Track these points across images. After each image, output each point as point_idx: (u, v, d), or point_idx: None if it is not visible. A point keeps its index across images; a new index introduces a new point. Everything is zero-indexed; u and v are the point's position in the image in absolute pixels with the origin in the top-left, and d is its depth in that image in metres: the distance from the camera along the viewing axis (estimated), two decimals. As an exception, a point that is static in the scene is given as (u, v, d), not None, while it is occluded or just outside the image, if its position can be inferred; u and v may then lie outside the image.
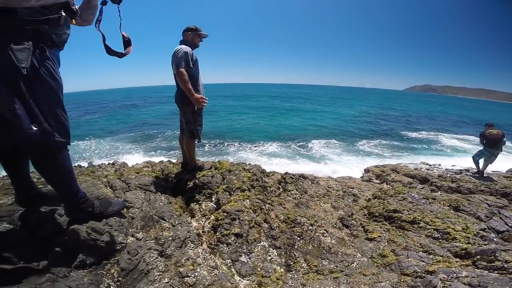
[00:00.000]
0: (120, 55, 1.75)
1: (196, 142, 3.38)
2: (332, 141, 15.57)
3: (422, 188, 5.34)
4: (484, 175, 6.84)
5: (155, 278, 1.74)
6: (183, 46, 2.91)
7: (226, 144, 14.38)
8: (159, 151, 12.52)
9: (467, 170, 7.64)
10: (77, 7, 1.59)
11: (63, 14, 1.39)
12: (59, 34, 1.46)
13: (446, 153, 14.24)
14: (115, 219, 2.09)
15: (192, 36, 3.06)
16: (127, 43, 1.79)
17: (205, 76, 3.25)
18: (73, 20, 1.58)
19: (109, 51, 1.71)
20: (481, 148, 6.94)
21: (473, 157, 7.13)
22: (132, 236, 2.08)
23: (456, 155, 13.50)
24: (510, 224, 3.21)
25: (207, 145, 13.75)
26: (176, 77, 2.87)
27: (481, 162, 7.00)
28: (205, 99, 3.04)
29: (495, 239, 2.97)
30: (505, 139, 6.60)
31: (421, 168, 7.63)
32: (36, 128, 1.33)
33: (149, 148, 13.11)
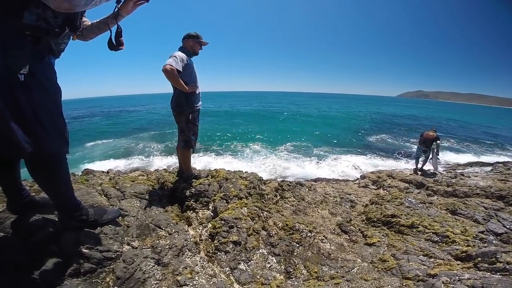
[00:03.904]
0: (117, 49, 1.70)
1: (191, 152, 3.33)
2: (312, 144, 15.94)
3: (418, 192, 5.35)
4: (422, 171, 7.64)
5: (152, 286, 1.68)
6: (178, 52, 2.84)
7: (220, 150, 14.37)
8: (154, 159, 12.40)
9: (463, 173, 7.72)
10: (83, 22, 1.57)
11: (67, 30, 1.36)
12: (58, 43, 1.44)
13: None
14: (110, 227, 2.04)
15: (192, 43, 2.96)
16: (119, 34, 1.68)
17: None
18: (75, 36, 1.56)
19: (116, 45, 1.67)
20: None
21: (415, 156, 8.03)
22: (128, 244, 2.03)
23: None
24: (508, 226, 3.21)
25: (202, 151, 13.69)
26: (166, 76, 2.69)
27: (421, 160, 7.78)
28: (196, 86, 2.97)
29: (494, 242, 2.96)
30: (438, 141, 7.22)
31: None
32: (29, 141, 1.28)
33: (144, 156, 12.98)
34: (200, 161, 11.68)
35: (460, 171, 8.36)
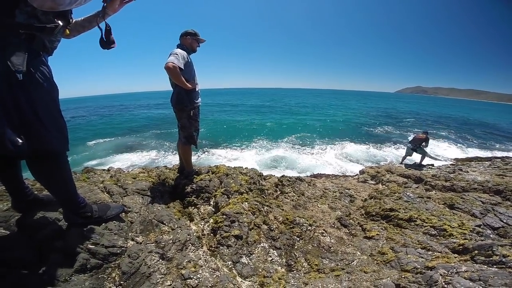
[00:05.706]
0: (109, 47, 1.72)
1: (192, 148, 3.36)
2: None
3: (417, 187, 5.41)
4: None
5: (158, 281, 1.72)
6: (178, 49, 2.84)
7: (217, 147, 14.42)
8: (154, 157, 12.42)
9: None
10: (73, 19, 1.58)
11: (61, 24, 1.37)
12: (52, 41, 1.44)
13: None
14: (114, 223, 2.07)
15: (190, 41, 2.99)
16: (108, 32, 1.70)
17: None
18: (67, 30, 1.54)
19: (108, 44, 1.69)
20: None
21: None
22: (132, 240, 2.06)
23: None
24: (505, 221, 3.26)
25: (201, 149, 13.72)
26: (168, 74, 2.75)
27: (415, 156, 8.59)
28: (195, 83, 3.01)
29: (491, 235, 3.01)
30: (424, 143, 8.10)
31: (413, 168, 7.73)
32: (21, 141, 1.27)
33: (144, 154, 13.00)
34: (200, 157, 11.72)
35: (458, 166, 8.42)
